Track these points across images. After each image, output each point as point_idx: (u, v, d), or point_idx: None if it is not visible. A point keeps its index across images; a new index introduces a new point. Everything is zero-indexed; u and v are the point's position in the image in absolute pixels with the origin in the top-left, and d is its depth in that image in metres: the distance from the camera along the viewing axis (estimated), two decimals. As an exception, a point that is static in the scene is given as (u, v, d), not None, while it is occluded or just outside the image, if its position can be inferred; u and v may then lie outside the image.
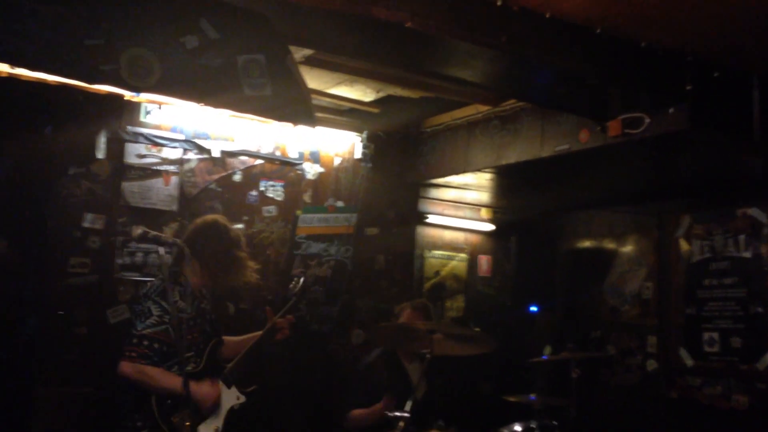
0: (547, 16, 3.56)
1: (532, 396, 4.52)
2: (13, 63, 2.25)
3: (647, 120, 4.17)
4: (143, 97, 3.18)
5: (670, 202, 5.94)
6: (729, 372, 5.35)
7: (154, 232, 3.19)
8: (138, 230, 3.16)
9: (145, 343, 3.43)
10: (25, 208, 4.60)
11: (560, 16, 3.59)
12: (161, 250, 3.08)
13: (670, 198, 5.90)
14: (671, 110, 4.04)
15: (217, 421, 3.64)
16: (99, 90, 2.69)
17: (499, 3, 3.44)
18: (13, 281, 4.48)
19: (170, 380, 3.42)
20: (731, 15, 3.46)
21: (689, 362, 5.64)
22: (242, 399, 3.77)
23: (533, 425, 4.11)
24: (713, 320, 5.52)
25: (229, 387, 3.75)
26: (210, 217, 4.10)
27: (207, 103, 2.66)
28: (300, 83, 2.84)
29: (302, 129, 5.31)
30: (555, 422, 4.14)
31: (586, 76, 3.96)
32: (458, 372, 5.48)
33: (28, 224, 4.59)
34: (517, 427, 4.14)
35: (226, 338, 4.05)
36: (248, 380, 3.88)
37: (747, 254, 5.35)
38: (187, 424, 3.29)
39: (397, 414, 3.64)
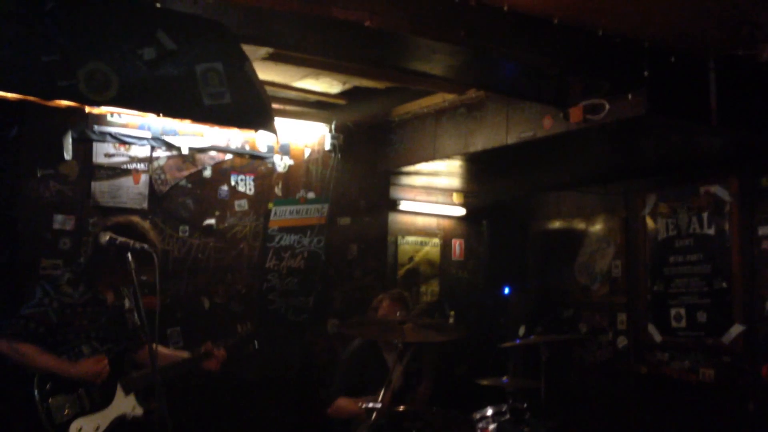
0: (505, 9, 3.61)
1: (505, 379, 4.63)
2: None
3: (607, 106, 4.25)
4: (104, 109, 3.16)
5: (636, 182, 6.06)
6: (696, 346, 5.51)
7: (122, 238, 3.21)
8: (105, 237, 3.19)
9: (22, 322, 3.40)
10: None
11: (518, 9, 3.64)
12: (129, 255, 3.11)
13: (636, 178, 6.02)
14: (629, 96, 4.13)
15: (101, 421, 3.44)
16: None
17: (456, -2, 3.49)
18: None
19: (45, 359, 3.35)
20: (683, 1, 3.53)
21: (658, 338, 5.79)
22: (138, 411, 3.57)
23: (504, 409, 4.21)
24: (679, 296, 5.66)
25: (126, 394, 3.56)
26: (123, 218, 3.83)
27: (167, 115, 2.68)
28: (259, 90, 2.87)
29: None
30: (525, 405, 4.24)
31: (546, 66, 4.02)
32: (433, 357, 5.58)
33: (-1, 228, 4.59)
34: (489, 411, 4.24)
35: (162, 348, 3.88)
36: (152, 397, 3.62)
37: (710, 231, 5.48)
38: (67, 411, 3.26)
39: (371, 405, 3.71)
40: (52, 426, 3.27)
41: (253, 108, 2.81)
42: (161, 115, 2.63)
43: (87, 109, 3.31)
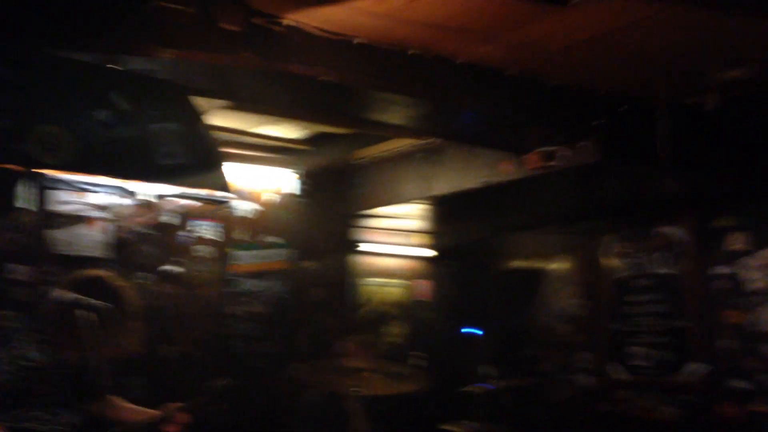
0: (458, 62, 3.69)
1: (471, 423, 4.62)
2: None
3: (561, 153, 4.35)
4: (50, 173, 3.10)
5: (595, 222, 6.16)
6: (656, 384, 5.57)
7: (86, 298, 3.14)
8: (69, 296, 3.11)
9: None
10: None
11: (472, 62, 3.72)
12: (92, 315, 3.05)
13: (595, 218, 6.12)
14: (582, 144, 4.23)
15: None
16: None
17: (410, 52, 3.55)
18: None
19: None
20: (629, 54, 3.65)
21: (618, 376, 5.85)
22: None
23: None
24: (639, 335, 5.74)
25: None
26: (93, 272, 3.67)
27: (121, 177, 2.69)
28: (214, 150, 2.88)
29: (231, 167, 5.33)
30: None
31: (501, 115, 4.10)
32: (398, 403, 5.56)
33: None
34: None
35: (119, 401, 3.63)
36: None
37: (666, 270, 5.59)
38: None
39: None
40: None
41: (207, 168, 2.82)
42: (116, 177, 2.63)
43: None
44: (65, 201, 4.82)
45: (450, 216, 6.25)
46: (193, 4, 2.84)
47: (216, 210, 5.43)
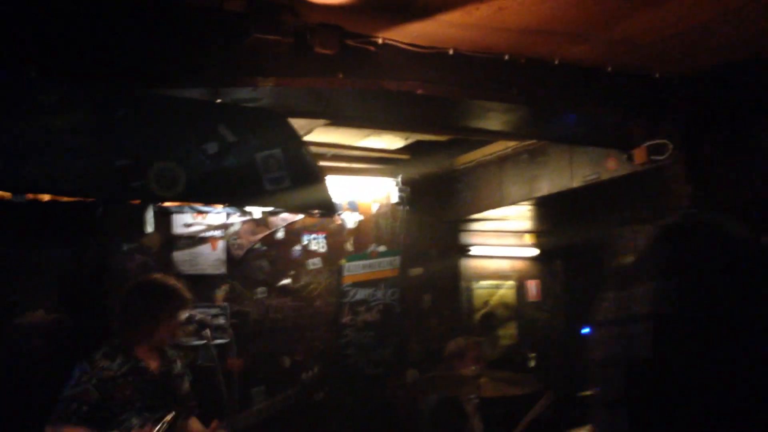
0: (556, 62, 3.65)
1: (589, 428, 4.53)
2: (52, 193, 2.48)
3: (671, 146, 4.19)
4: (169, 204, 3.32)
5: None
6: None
7: (199, 316, 3.36)
8: (196, 314, 3.34)
9: (64, 404, 3.36)
10: (87, 286, 4.89)
11: (569, 61, 3.67)
12: (207, 331, 3.26)
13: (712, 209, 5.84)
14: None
15: None
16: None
17: (506, 58, 3.55)
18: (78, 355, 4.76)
19: None
20: (732, 42, 3.47)
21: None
22: None
23: (589, 462, 4.12)
24: None
25: None
26: (144, 277, 3.97)
27: (231, 204, 2.85)
28: (317, 172, 3.00)
29: (338, 180, 5.49)
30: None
31: (604, 113, 4.01)
32: (514, 407, 5.53)
33: (90, 301, 4.88)
34: (573, 463, 4.15)
35: (194, 419, 3.80)
36: None
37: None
38: None
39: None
40: None
41: (312, 192, 2.94)
42: (226, 204, 2.80)
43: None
44: (187, 223, 5.13)
45: (557, 215, 6.14)
46: (289, 33, 2.96)
47: (326, 223, 5.60)
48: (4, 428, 4.29)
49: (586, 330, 6.43)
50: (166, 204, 3.80)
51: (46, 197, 2.46)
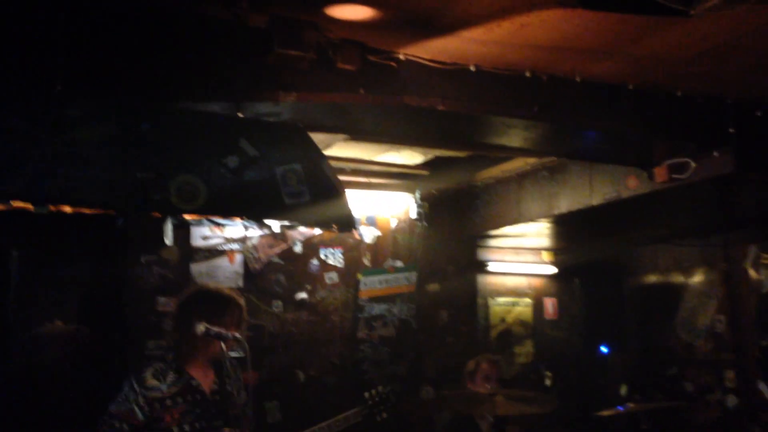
0: (578, 80, 3.63)
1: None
2: (75, 205, 2.49)
3: (693, 165, 4.16)
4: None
5: (735, 233, 5.82)
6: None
7: (216, 329, 3.30)
8: (201, 327, 3.27)
9: (107, 420, 3.19)
10: (105, 297, 4.91)
11: (590, 79, 3.65)
12: (223, 344, 3.23)
13: (735, 228, 5.78)
14: (716, 154, 4.02)
15: None
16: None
17: (528, 74, 3.54)
18: (96, 366, 4.77)
19: None
20: (759, 59, 3.44)
21: (771, 397, 5.47)
22: None
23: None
24: (792, 352, 5.35)
25: None
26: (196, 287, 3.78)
27: (250, 218, 2.85)
28: (336, 187, 3.00)
29: (357, 194, 5.49)
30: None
31: (625, 130, 3.99)
32: (530, 425, 5.47)
33: (108, 312, 4.90)
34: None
35: None
36: None
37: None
38: None
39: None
40: None
41: (332, 206, 2.94)
42: (246, 218, 2.80)
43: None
44: (205, 236, 5.15)
45: (576, 232, 6.10)
46: (311, 49, 2.97)
47: (343, 238, 5.59)
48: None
49: (603, 349, 6.40)
50: (186, 216, 3.75)
51: (68, 209, 2.47)
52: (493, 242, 6.30)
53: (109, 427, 3.20)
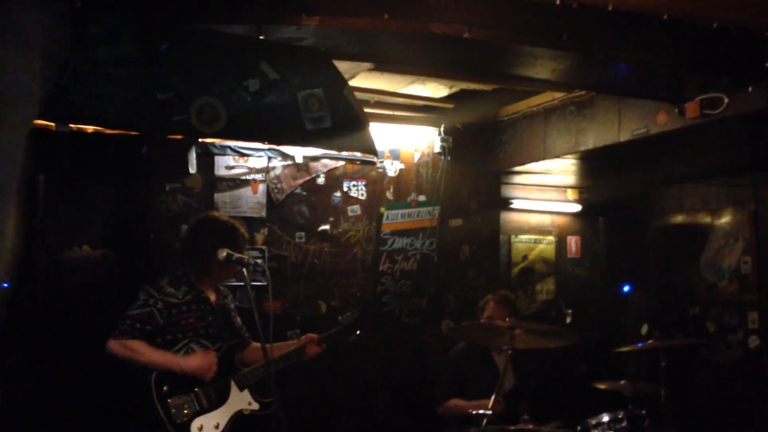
0: (609, 8, 3.51)
1: (623, 382, 4.50)
2: (96, 124, 2.49)
3: (726, 100, 4.05)
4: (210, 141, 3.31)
5: (765, 173, 5.70)
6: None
7: (237, 254, 3.39)
8: (223, 253, 3.38)
9: (128, 322, 3.46)
10: (130, 223, 4.97)
11: (623, 8, 3.53)
12: (244, 270, 3.29)
13: (766, 168, 5.66)
14: (750, 89, 3.90)
15: (220, 418, 3.52)
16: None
17: (557, 2, 3.43)
18: (122, 290, 4.86)
19: (155, 354, 3.42)
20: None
21: (793, 339, 5.44)
22: (255, 406, 3.64)
23: (620, 416, 4.10)
24: (817, 295, 5.29)
25: (241, 389, 3.64)
26: (205, 214, 4.01)
27: (271, 142, 2.84)
28: (359, 113, 2.96)
29: (381, 127, 5.44)
30: (644, 411, 4.11)
31: (658, 63, 3.87)
32: (548, 358, 5.52)
33: (133, 238, 4.96)
34: (605, 417, 4.14)
35: (254, 344, 3.89)
36: (266, 390, 3.71)
37: None
38: (186, 411, 3.35)
39: (481, 412, 3.74)
40: (174, 426, 3.37)
41: (353, 131, 2.91)
42: (266, 142, 2.78)
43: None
44: (229, 166, 5.16)
45: (602, 170, 6.01)
46: (335, -30, 2.90)
47: (366, 171, 5.57)
48: (49, 360, 4.42)
49: (625, 288, 6.37)
50: (207, 140, 3.80)
51: (90, 129, 2.48)
52: (517, 179, 6.24)
53: (131, 328, 3.46)
